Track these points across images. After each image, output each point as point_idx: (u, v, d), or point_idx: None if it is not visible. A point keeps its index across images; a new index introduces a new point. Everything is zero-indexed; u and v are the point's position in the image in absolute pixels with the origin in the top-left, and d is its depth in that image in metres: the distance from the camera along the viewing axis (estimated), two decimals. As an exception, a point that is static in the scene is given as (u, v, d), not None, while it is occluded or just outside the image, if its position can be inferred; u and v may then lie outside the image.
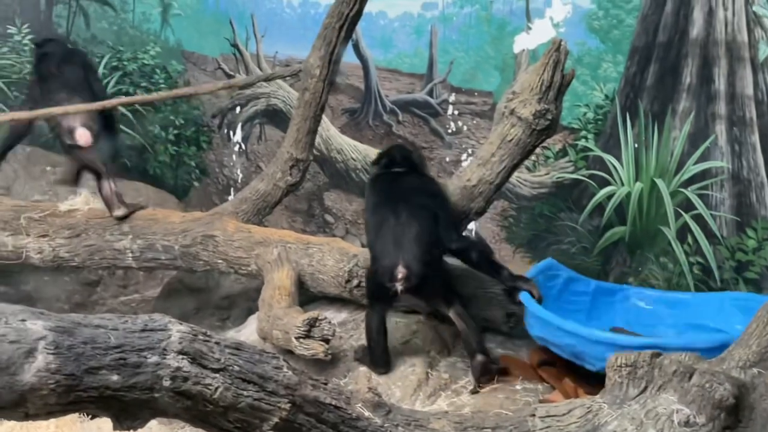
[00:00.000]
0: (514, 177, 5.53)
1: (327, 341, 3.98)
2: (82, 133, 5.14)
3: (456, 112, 6.37)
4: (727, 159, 5.25)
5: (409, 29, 6.47)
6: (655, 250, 5.54)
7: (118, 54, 7.56)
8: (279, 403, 2.48)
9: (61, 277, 6.08)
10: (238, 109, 7.38)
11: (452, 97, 6.36)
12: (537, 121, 4.32)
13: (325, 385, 2.67)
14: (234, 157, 7.44)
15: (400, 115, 6.65)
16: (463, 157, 6.30)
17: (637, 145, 5.56)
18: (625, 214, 5.65)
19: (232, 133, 7.42)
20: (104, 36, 7.59)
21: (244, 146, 7.39)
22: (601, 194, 5.73)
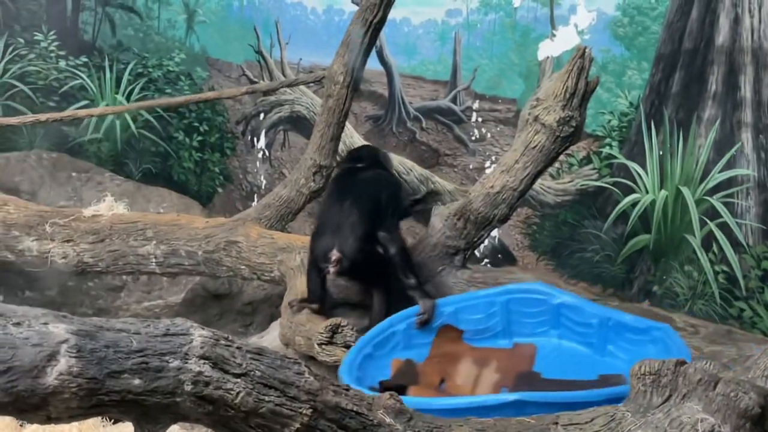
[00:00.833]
0: (538, 184, 5.52)
1: (349, 347, 3.98)
2: None
3: (480, 119, 6.36)
4: (753, 167, 5.21)
5: (433, 36, 6.47)
6: (680, 259, 5.50)
7: (143, 61, 7.61)
8: (300, 409, 2.48)
9: (85, 282, 6.11)
10: (262, 116, 7.40)
11: (476, 104, 6.35)
12: (561, 128, 4.31)
13: (347, 390, 2.66)
14: (258, 163, 7.46)
15: (424, 122, 6.64)
16: (487, 164, 6.29)
17: (661, 153, 5.53)
18: (650, 222, 5.61)
19: (255, 140, 7.44)
20: (130, 43, 7.65)
21: (267, 153, 7.41)
22: (625, 202, 5.69)
